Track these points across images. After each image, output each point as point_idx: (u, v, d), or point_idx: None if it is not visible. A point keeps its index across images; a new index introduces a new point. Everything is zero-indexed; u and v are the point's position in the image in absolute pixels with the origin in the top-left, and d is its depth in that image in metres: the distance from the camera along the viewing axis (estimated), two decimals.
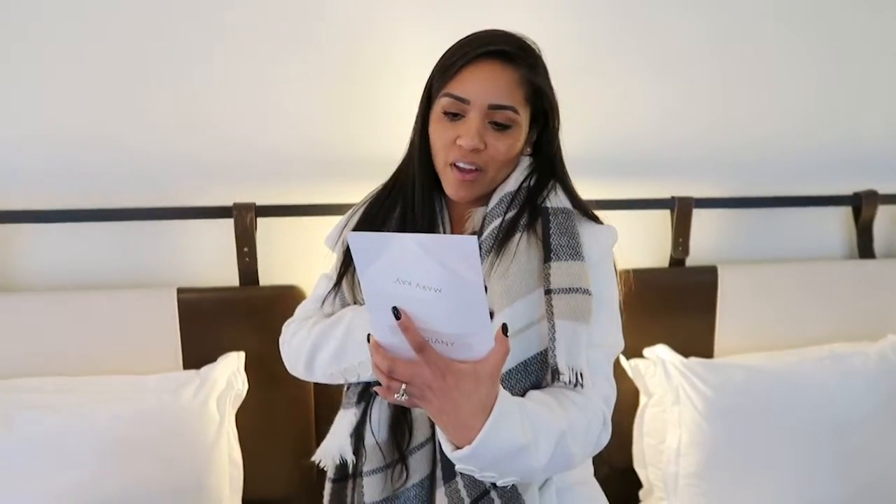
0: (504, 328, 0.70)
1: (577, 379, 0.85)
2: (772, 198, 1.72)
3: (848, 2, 1.72)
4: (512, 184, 0.97)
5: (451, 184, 0.95)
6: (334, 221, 1.14)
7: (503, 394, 0.73)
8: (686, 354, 1.57)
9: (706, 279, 1.64)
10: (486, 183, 0.95)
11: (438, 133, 0.94)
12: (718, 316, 1.65)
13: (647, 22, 1.63)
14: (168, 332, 1.43)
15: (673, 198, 1.64)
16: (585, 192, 1.04)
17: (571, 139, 1.05)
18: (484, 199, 0.98)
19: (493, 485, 0.89)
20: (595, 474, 1.10)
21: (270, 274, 1.52)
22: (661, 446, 1.54)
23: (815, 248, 1.81)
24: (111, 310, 1.42)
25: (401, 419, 0.94)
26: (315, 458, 1.02)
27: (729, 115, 1.70)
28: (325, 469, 1.02)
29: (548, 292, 0.89)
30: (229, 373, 1.39)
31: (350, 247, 0.66)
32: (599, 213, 1.02)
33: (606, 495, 1.09)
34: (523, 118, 0.94)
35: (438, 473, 0.92)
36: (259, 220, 1.47)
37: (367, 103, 1.54)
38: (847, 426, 1.52)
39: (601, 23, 1.60)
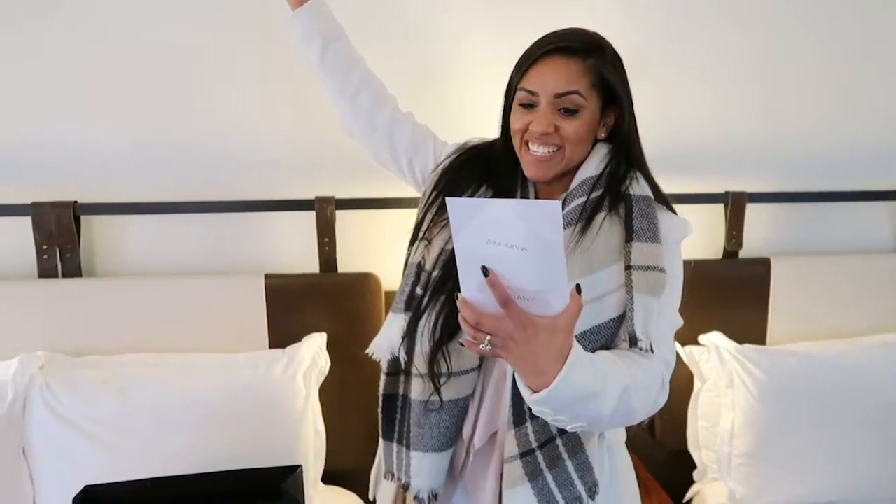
0: (577, 288, 0.80)
1: (650, 345, 0.95)
2: (823, 193, 1.78)
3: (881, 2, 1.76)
4: (592, 169, 1.06)
5: (528, 163, 1.06)
6: (406, 214, 1.25)
7: (576, 345, 0.82)
8: (740, 342, 1.63)
9: (759, 270, 1.70)
10: (563, 162, 1.05)
11: (516, 120, 1.06)
12: (771, 306, 1.70)
13: (692, 30, 1.70)
14: (256, 314, 1.56)
15: (727, 192, 1.71)
16: None
17: None
18: (566, 183, 1.09)
19: (560, 432, 0.99)
20: (652, 457, 1.17)
21: (348, 262, 1.64)
22: (714, 429, 1.61)
23: (865, 242, 1.86)
24: (205, 294, 1.56)
25: (445, 342, 1.05)
26: (368, 351, 1.12)
27: (779, 115, 1.76)
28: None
29: (628, 268, 0.99)
30: (313, 351, 1.51)
31: (448, 210, 0.75)
32: None
33: (662, 477, 1.17)
34: (591, 102, 1.03)
35: (508, 418, 1.02)
36: (338, 212, 1.59)
37: (436, 104, 1.62)
38: None
39: (652, 31, 1.68)
